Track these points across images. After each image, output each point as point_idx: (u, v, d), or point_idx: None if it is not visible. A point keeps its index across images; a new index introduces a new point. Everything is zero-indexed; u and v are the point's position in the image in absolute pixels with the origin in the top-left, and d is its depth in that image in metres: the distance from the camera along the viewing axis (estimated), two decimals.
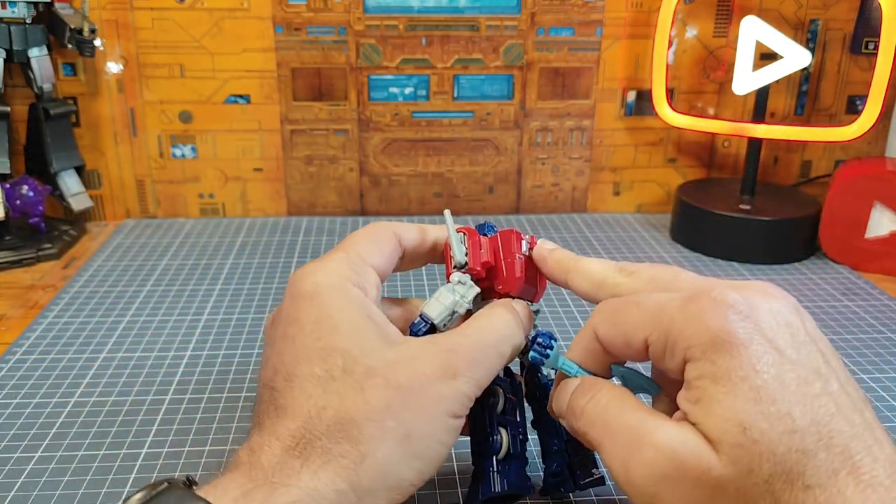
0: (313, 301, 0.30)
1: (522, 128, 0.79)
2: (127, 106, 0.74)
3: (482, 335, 0.31)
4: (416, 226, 0.36)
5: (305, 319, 0.29)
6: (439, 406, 0.28)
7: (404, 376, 0.28)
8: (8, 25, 0.65)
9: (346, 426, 0.27)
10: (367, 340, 0.29)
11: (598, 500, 0.37)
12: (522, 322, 0.32)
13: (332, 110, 0.76)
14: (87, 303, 0.58)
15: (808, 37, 0.77)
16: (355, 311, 0.30)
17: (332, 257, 0.32)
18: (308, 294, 0.30)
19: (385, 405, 0.27)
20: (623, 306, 0.29)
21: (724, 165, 0.82)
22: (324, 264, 0.31)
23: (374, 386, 0.28)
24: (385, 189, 0.79)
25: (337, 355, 0.28)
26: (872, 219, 0.66)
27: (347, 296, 0.30)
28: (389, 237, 0.34)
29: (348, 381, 0.28)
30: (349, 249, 0.33)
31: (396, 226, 0.35)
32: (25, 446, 0.41)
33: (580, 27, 0.75)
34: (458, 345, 0.30)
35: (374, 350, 0.29)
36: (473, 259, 0.34)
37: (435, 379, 0.28)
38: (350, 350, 0.28)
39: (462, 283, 0.33)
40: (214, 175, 0.77)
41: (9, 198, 0.67)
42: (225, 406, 0.45)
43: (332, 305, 0.29)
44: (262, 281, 0.63)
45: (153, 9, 0.71)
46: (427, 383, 0.28)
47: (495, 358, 0.31)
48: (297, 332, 0.29)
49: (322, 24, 0.73)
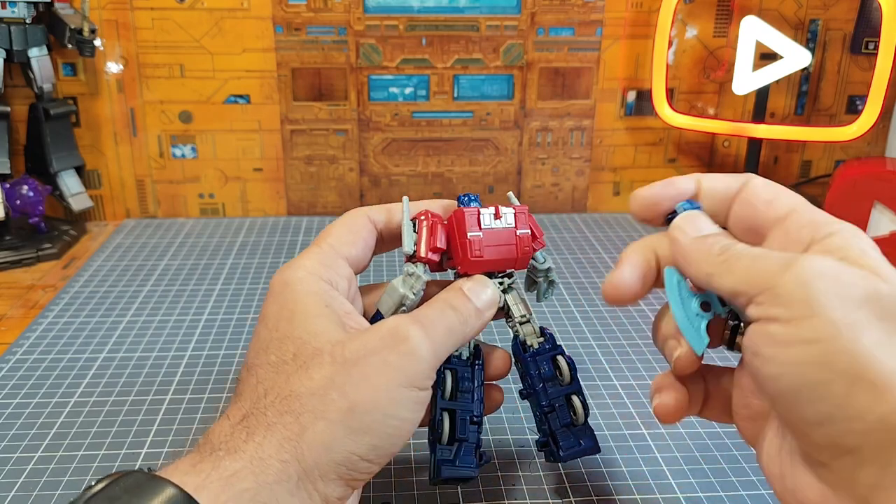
0: (278, 297, 0.31)
1: (522, 128, 0.79)
2: (127, 106, 0.74)
3: (428, 310, 0.31)
4: (385, 207, 0.36)
5: (269, 314, 0.31)
6: (387, 376, 0.28)
7: (350, 350, 0.28)
8: (8, 25, 0.65)
9: (288, 400, 0.28)
10: (319, 327, 0.30)
11: (597, 499, 0.37)
12: (471, 300, 0.32)
13: (332, 110, 0.76)
14: (87, 303, 0.58)
15: (808, 37, 0.77)
16: (313, 302, 0.30)
17: (305, 253, 0.33)
18: (276, 291, 0.32)
19: (328, 379, 0.28)
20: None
21: (724, 165, 0.82)
22: (296, 261, 0.33)
23: (319, 364, 0.28)
24: (385, 189, 0.79)
25: (289, 343, 0.29)
26: (872, 219, 0.66)
27: (308, 288, 0.31)
28: (363, 224, 0.35)
29: (296, 363, 0.29)
30: (322, 242, 0.34)
31: (370, 210, 0.36)
32: (25, 446, 0.41)
33: (580, 27, 0.76)
34: (406, 317, 0.30)
35: (325, 334, 0.29)
36: (420, 246, 0.34)
37: (382, 347, 0.28)
38: (301, 336, 0.29)
39: (411, 275, 0.34)
40: (214, 175, 0.77)
41: (9, 198, 0.67)
42: (225, 406, 0.45)
43: (292, 299, 0.31)
44: (262, 281, 0.63)
45: (153, 9, 0.71)
46: (374, 353, 0.28)
47: (444, 331, 0.30)
48: (262, 327, 0.31)
49: (322, 24, 0.73)
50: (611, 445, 0.41)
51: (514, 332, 0.36)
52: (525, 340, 0.35)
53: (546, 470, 0.39)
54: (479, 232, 0.33)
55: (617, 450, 0.41)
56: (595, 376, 0.49)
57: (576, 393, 0.35)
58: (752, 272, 0.26)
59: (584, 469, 0.39)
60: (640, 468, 0.39)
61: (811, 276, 0.24)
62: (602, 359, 0.51)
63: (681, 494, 0.38)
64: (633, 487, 0.38)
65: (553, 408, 0.35)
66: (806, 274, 0.24)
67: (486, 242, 0.33)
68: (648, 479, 0.39)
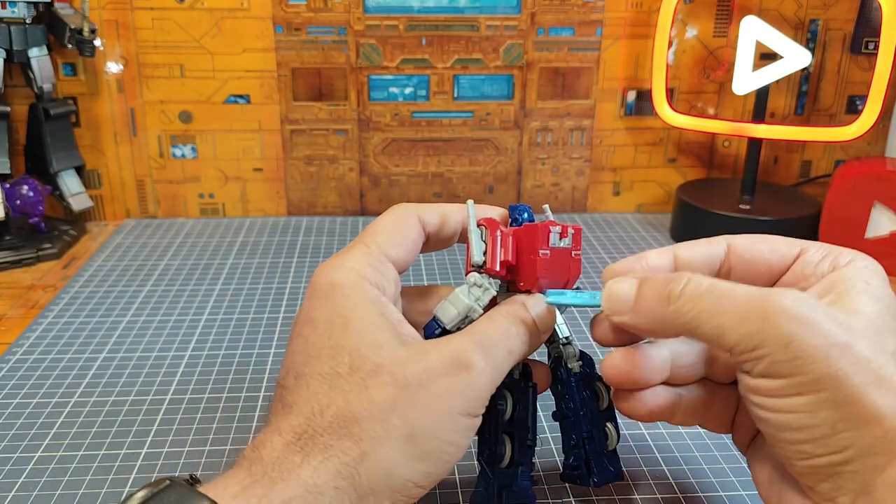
0: (328, 300, 0.30)
1: (522, 128, 0.79)
2: (127, 106, 0.74)
3: (491, 331, 0.30)
4: (438, 209, 0.34)
5: (319, 318, 0.29)
6: (448, 403, 0.27)
7: (411, 372, 0.27)
8: (8, 25, 0.65)
9: (348, 423, 0.26)
10: (376, 338, 0.28)
11: (597, 500, 0.37)
12: (533, 321, 0.31)
13: (332, 110, 0.76)
14: (87, 303, 0.58)
15: (808, 37, 0.77)
16: (368, 310, 0.29)
17: (352, 251, 0.31)
18: (324, 293, 0.30)
19: (390, 403, 0.27)
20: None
21: (724, 165, 0.82)
22: (343, 260, 0.31)
23: (380, 383, 0.27)
24: (385, 189, 0.79)
25: (345, 353, 0.28)
26: (872, 219, 0.66)
27: (362, 294, 0.30)
28: (413, 224, 0.33)
29: (354, 378, 0.27)
30: (370, 242, 0.32)
31: (420, 210, 0.34)
32: (25, 446, 0.41)
33: (580, 27, 0.75)
34: (470, 338, 0.29)
35: (383, 347, 0.28)
36: (492, 258, 0.32)
37: (444, 374, 0.27)
38: (358, 348, 0.28)
39: (478, 286, 0.32)
40: (214, 175, 0.77)
41: (9, 198, 0.67)
42: (225, 406, 0.45)
43: (346, 304, 0.29)
44: (262, 281, 0.63)
45: (153, 9, 0.71)
46: (436, 379, 0.27)
47: (505, 354, 0.30)
48: (310, 331, 0.29)
49: (322, 24, 0.73)
50: None
51: (554, 354, 0.35)
52: (567, 362, 0.35)
53: (546, 470, 0.39)
54: (547, 250, 0.32)
55: (617, 450, 0.41)
56: None
57: (610, 419, 0.35)
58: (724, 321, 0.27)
59: None
60: (640, 468, 0.39)
61: (790, 332, 0.25)
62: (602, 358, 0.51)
63: (681, 494, 0.38)
64: (633, 487, 0.38)
65: (591, 434, 0.35)
66: (784, 331, 0.25)
67: (550, 261, 0.32)
68: (648, 479, 0.39)
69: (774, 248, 0.30)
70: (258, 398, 0.46)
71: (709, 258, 0.32)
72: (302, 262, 0.67)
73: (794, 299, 0.26)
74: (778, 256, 0.30)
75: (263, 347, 0.52)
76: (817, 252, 0.30)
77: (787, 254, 0.30)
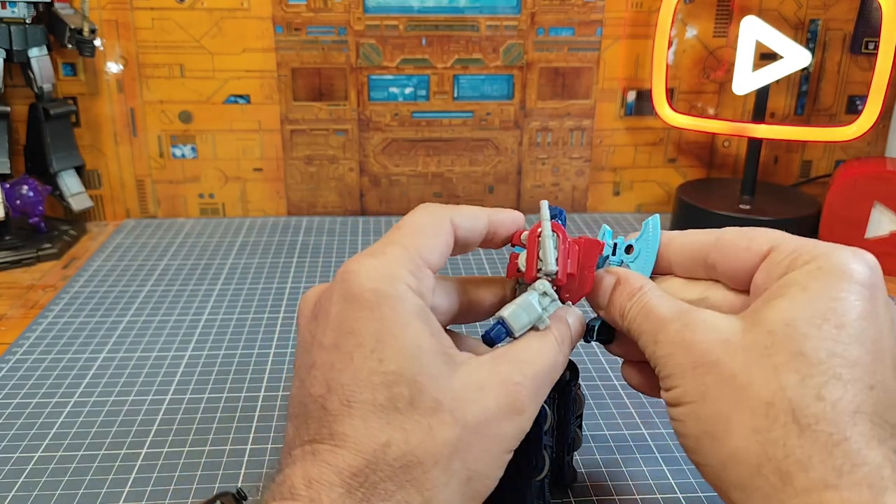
0: (374, 312, 0.27)
1: (522, 128, 0.79)
2: (127, 106, 0.74)
3: (542, 364, 0.29)
4: (471, 214, 0.32)
5: (365, 333, 0.27)
6: (501, 445, 0.28)
7: (471, 413, 0.27)
8: (8, 25, 0.65)
9: (412, 469, 0.25)
10: (432, 366, 0.27)
11: (597, 499, 0.37)
12: (572, 338, 0.31)
13: (332, 110, 0.76)
14: (87, 303, 0.58)
15: (808, 37, 0.77)
16: (419, 329, 0.27)
17: (390, 253, 0.28)
18: (368, 302, 0.27)
19: (452, 447, 0.26)
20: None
21: (724, 165, 0.82)
22: (382, 262, 0.28)
23: (441, 423, 0.26)
24: (385, 189, 0.79)
25: (402, 384, 0.26)
26: (872, 219, 0.66)
27: (410, 308, 0.27)
28: (447, 230, 0.31)
29: (414, 416, 0.26)
30: (408, 245, 0.29)
31: (453, 212, 0.31)
32: (25, 446, 0.41)
33: (580, 27, 0.75)
34: (524, 376, 0.28)
35: (441, 378, 0.27)
36: (563, 268, 0.31)
37: (501, 417, 0.27)
38: (416, 378, 0.26)
39: (546, 295, 0.31)
40: (214, 175, 0.77)
41: (9, 198, 0.67)
42: (225, 406, 0.45)
43: (395, 320, 0.27)
44: (262, 281, 0.63)
45: (153, 9, 0.71)
46: (493, 422, 0.27)
47: (550, 385, 0.30)
48: (355, 347, 0.27)
49: (322, 24, 0.73)
50: (611, 445, 0.41)
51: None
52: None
53: None
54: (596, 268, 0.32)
55: (617, 450, 0.41)
56: (595, 376, 0.49)
57: (580, 424, 0.36)
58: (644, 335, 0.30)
59: (585, 469, 0.39)
60: (640, 468, 0.39)
61: (667, 351, 0.28)
62: (602, 358, 0.51)
63: (681, 494, 0.38)
64: (633, 487, 0.38)
65: (573, 439, 0.35)
66: (663, 350, 0.28)
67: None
68: (648, 479, 0.39)
69: (749, 246, 0.30)
70: (258, 398, 0.46)
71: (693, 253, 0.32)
72: (302, 262, 0.67)
73: (682, 322, 0.28)
74: (751, 254, 0.30)
75: (263, 347, 0.52)
76: (783, 250, 0.28)
77: (757, 251, 0.29)
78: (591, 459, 0.40)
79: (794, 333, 0.25)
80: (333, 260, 0.67)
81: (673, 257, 0.32)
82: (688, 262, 0.32)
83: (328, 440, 0.26)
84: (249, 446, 0.41)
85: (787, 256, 0.28)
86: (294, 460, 0.26)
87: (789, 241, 0.29)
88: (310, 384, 0.27)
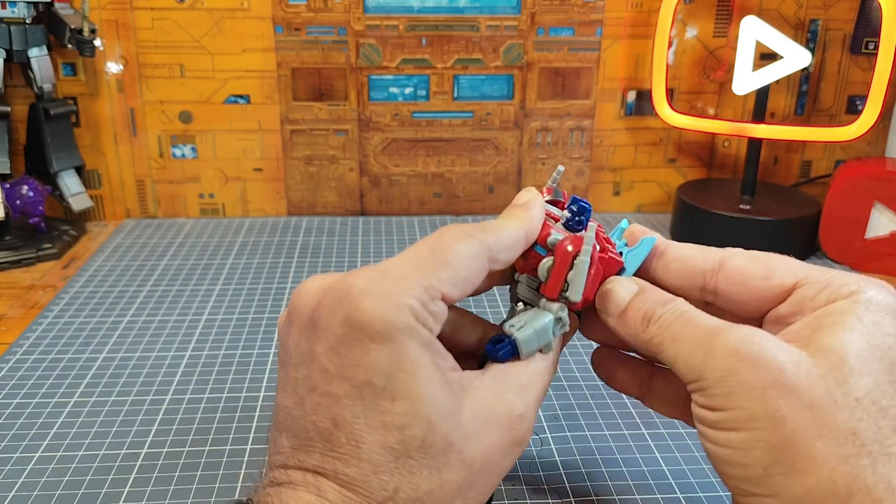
0: (384, 347, 0.25)
1: (522, 128, 0.79)
2: (127, 106, 0.74)
3: (542, 386, 0.29)
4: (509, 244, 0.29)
5: (376, 370, 0.25)
6: (499, 477, 0.28)
7: (477, 453, 0.27)
8: (8, 25, 0.65)
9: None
10: (442, 400, 0.26)
11: (597, 499, 0.37)
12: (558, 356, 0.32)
13: (332, 110, 0.76)
14: (87, 303, 0.58)
15: (808, 37, 0.77)
16: (428, 363, 0.26)
17: (409, 284, 0.26)
18: (377, 335, 0.25)
19: (457, 487, 0.26)
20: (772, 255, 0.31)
21: (724, 165, 0.82)
22: (392, 285, 0.26)
23: (449, 465, 0.26)
24: (385, 189, 0.79)
25: (415, 425, 0.25)
26: (872, 219, 0.66)
27: (420, 344, 0.26)
28: (482, 269, 0.28)
29: (426, 458, 0.26)
30: (432, 276, 0.27)
31: (493, 248, 0.28)
32: (25, 446, 0.41)
33: (580, 27, 0.75)
34: (527, 406, 0.28)
35: (451, 414, 0.26)
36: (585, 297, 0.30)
37: (503, 452, 0.28)
38: (429, 417, 0.25)
39: (560, 319, 0.30)
40: (214, 175, 0.77)
41: (9, 198, 0.67)
42: (225, 406, 0.45)
43: (406, 357, 0.25)
44: (262, 281, 0.63)
45: (153, 9, 0.71)
46: (497, 459, 0.28)
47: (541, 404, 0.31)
48: (364, 384, 0.25)
49: (322, 24, 0.73)
50: (611, 445, 0.41)
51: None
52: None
53: (546, 470, 0.39)
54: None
55: (617, 450, 0.41)
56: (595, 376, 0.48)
57: None
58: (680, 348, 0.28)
59: (584, 469, 0.39)
60: (640, 468, 0.39)
61: (727, 367, 0.26)
62: None
63: (681, 494, 0.38)
64: (633, 487, 0.38)
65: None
66: (722, 365, 0.26)
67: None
68: (648, 479, 0.39)
69: (768, 276, 0.29)
70: (258, 398, 0.46)
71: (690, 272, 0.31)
72: (302, 262, 0.67)
73: (741, 335, 0.26)
74: (769, 285, 0.29)
75: (263, 347, 0.52)
76: (815, 284, 0.28)
77: (778, 284, 0.29)
78: (592, 459, 0.40)
79: (864, 364, 0.25)
80: (333, 260, 0.67)
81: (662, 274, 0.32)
82: (684, 280, 0.31)
83: (333, 478, 0.25)
84: (249, 446, 0.41)
85: (822, 290, 0.28)
86: (293, 482, 0.26)
87: (817, 274, 0.29)
88: (311, 410, 0.26)
